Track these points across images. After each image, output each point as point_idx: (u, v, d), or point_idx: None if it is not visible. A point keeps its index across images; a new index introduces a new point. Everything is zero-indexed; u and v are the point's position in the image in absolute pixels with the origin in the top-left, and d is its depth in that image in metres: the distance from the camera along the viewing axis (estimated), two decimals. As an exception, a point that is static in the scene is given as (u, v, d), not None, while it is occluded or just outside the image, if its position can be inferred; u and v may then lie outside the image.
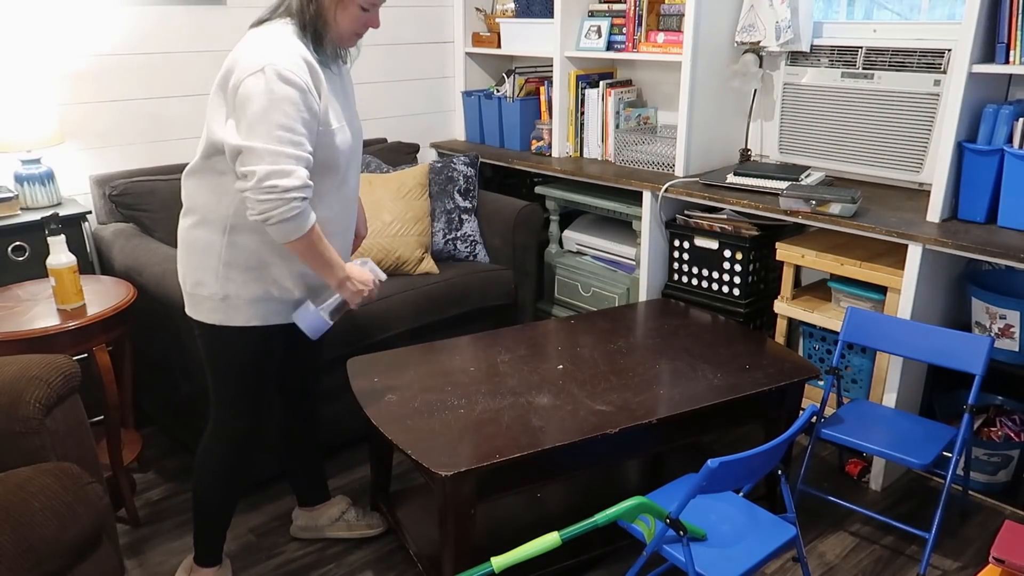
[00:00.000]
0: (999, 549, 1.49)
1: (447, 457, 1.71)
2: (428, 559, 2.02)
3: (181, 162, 2.96)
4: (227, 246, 1.75)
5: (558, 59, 3.27)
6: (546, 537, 1.58)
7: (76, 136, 2.76)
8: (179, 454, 2.72)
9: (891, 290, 2.34)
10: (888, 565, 2.16)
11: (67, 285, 2.16)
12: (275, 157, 1.58)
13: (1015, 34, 2.09)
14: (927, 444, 2.08)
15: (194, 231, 1.78)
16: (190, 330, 2.27)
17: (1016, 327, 2.29)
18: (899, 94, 2.57)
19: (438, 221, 3.04)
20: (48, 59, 2.64)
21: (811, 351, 2.67)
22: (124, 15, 2.77)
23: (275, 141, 1.58)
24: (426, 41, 3.66)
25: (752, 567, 1.63)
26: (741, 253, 2.72)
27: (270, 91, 1.58)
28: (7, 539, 1.47)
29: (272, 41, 1.65)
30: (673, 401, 1.97)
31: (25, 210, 2.55)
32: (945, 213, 2.29)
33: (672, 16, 2.96)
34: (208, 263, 1.77)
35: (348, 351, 2.53)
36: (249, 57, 1.62)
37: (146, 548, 2.25)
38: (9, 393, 1.70)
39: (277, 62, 1.59)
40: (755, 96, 2.97)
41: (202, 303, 1.81)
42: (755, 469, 1.63)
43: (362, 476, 2.58)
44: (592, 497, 2.28)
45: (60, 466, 1.67)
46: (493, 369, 2.14)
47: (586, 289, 3.24)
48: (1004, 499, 2.40)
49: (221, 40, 2.99)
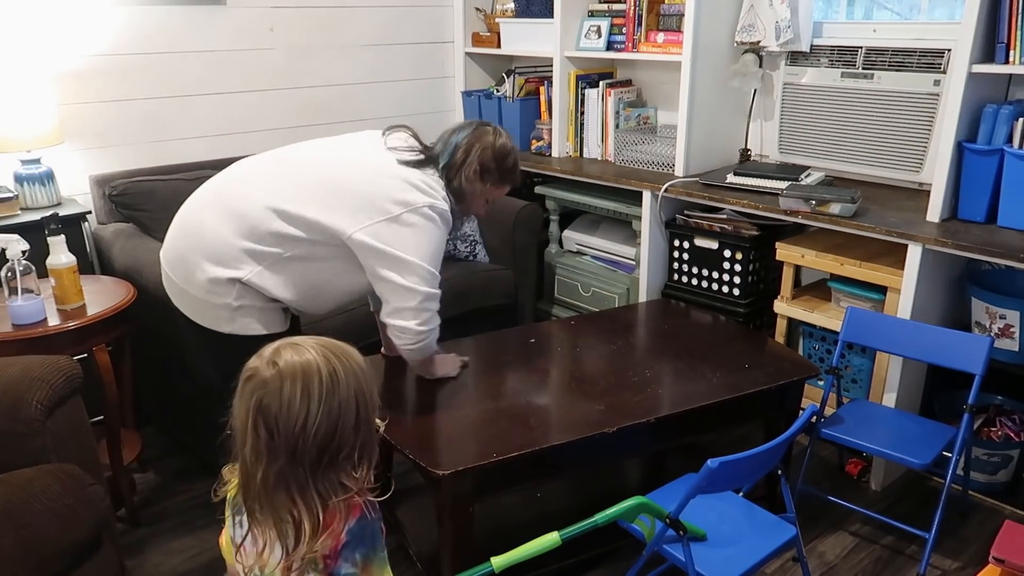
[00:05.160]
0: (999, 549, 1.49)
1: (446, 456, 1.71)
2: (428, 559, 2.02)
3: (181, 162, 2.96)
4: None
5: (558, 59, 3.27)
6: (546, 537, 1.58)
7: (76, 136, 2.76)
8: (179, 454, 2.72)
9: (891, 290, 2.35)
10: (888, 565, 2.16)
11: (67, 285, 2.16)
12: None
13: (1015, 34, 2.09)
14: (927, 444, 2.08)
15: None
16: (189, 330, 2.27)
17: (1016, 327, 2.29)
18: (899, 94, 2.56)
19: (438, 221, 3.04)
20: (48, 59, 2.64)
21: (811, 351, 2.67)
22: (124, 15, 2.77)
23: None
24: (426, 41, 3.66)
25: (752, 567, 1.63)
26: (741, 253, 2.72)
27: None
28: (9, 540, 1.47)
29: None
30: (673, 400, 1.97)
31: (25, 210, 2.55)
32: (945, 213, 2.29)
33: (672, 16, 2.96)
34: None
35: (348, 351, 2.53)
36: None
37: (146, 548, 2.25)
38: (11, 394, 1.70)
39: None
40: (755, 96, 2.97)
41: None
42: (755, 469, 1.63)
43: (362, 476, 2.58)
44: (592, 497, 2.28)
45: (61, 467, 1.68)
46: (493, 369, 2.14)
47: (586, 289, 3.24)
48: (1004, 499, 2.40)
49: (221, 40, 3.00)
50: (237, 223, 1.75)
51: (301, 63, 3.26)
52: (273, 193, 1.76)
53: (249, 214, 1.75)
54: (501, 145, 1.89)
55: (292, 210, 1.73)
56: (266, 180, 1.82)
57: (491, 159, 1.87)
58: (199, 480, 2.57)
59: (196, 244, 1.79)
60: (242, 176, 1.86)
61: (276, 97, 3.23)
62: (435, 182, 1.80)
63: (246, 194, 1.79)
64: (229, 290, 1.76)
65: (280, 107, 3.25)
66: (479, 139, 1.87)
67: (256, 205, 1.75)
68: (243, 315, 1.79)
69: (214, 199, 1.84)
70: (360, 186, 1.75)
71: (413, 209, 1.72)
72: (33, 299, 2.09)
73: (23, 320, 2.08)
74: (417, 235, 1.72)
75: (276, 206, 1.74)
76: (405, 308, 1.77)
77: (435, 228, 1.75)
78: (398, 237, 1.71)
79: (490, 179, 1.89)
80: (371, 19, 3.44)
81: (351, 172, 1.78)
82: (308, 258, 1.77)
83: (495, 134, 1.90)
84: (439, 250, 1.78)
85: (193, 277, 1.79)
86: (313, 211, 1.73)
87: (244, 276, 1.75)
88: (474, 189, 1.87)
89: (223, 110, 3.09)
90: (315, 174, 1.80)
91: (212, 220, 1.79)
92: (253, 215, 1.75)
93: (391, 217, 1.72)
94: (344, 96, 3.43)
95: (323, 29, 3.29)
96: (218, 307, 1.79)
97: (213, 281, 1.77)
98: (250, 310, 1.79)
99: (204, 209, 1.84)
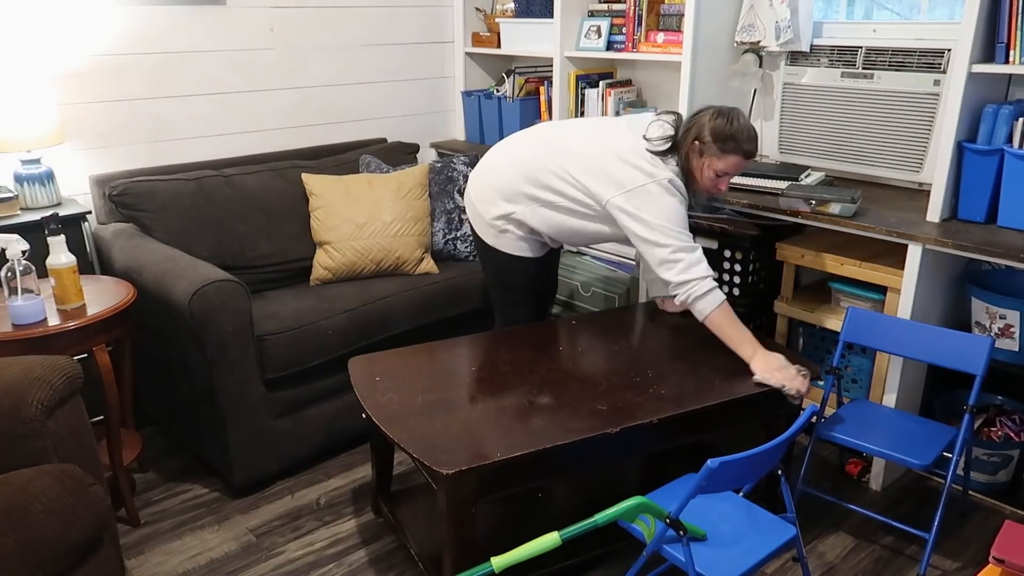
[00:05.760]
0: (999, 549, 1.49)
1: (448, 455, 1.71)
2: (429, 559, 2.02)
3: (181, 162, 2.96)
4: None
5: (558, 59, 3.27)
6: (546, 537, 1.58)
7: (76, 136, 2.76)
8: (179, 454, 2.72)
9: (891, 290, 2.35)
10: (888, 565, 2.16)
11: (67, 285, 2.16)
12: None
13: (1015, 34, 2.10)
14: (927, 444, 2.08)
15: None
16: (189, 330, 2.28)
17: (1016, 327, 2.29)
18: (899, 94, 2.57)
19: (438, 221, 3.04)
20: (48, 59, 2.64)
21: (811, 351, 2.67)
22: (124, 15, 2.77)
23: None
24: (426, 41, 3.66)
25: (752, 567, 1.63)
26: (741, 253, 2.72)
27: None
28: (9, 541, 1.47)
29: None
30: (675, 401, 1.97)
31: (25, 210, 2.55)
32: (945, 213, 2.29)
33: (672, 16, 2.96)
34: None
35: (348, 351, 2.54)
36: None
37: (146, 548, 2.25)
38: (11, 394, 1.70)
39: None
40: (755, 96, 2.97)
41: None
42: (755, 469, 1.63)
43: (363, 476, 2.58)
44: (592, 497, 2.28)
45: (62, 468, 1.67)
46: (494, 369, 2.14)
47: (586, 289, 3.24)
48: (1004, 499, 2.40)
49: (221, 40, 3.00)
50: (526, 174, 2.28)
51: (301, 63, 3.26)
52: (557, 156, 2.26)
53: (534, 168, 2.27)
54: (719, 121, 2.13)
55: (571, 172, 2.22)
56: (553, 145, 2.30)
57: (708, 133, 2.12)
58: (199, 480, 2.57)
59: (494, 182, 2.35)
60: (534, 140, 2.37)
61: (276, 97, 3.23)
62: (668, 163, 2.16)
63: (533, 155, 2.30)
64: (504, 218, 2.33)
65: (280, 107, 3.25)
66: (699, 119, 2.16)
67: (543, 163, 2.27)
68: (504, 236, 2.36)
69: (509, 154, 2.37)
70: (616, 166, 2.18)
71: (654, 182, 2.13)
72: (33, 299, 2.09)
73: (23, 320, 2.08)
74: (657, 201, 2.11)
75: (559, 166, 2.24)
76: (659, 262, 2.11)
77: (670, 196, 2.12)
78: (641, 202, 2.13)
79: (709, 152, 2.13)
80: (371, 19, 3.44)
81: (611, 152, 2.20)
82: (567, 209, 2.26)
83: (715, 115, 2.14)
84: (678, 214, 2.12)
85: (485, 206, 2.36)
86: (585, 177, 2.20)
87: (515, 212, 2.31)
88: (693, 164, 2.16)
89: (223, 110, 3.09)
90: (587, 148, 2.24)
91: (504, 167, 2.34)
92: (537, 169, 2.27)
93: (636, 187, 2.14)
94: (344, 96, 3.43)
95: (323, 29, 3.29)
96: (492, 227, 2.37)
97: (497, 210, 2.34)
98: (512, 235, 2.35)
99: (502, 160, 2.36)
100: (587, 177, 2.20)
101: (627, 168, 2.15)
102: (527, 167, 2.29)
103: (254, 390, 2.38)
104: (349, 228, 2.82)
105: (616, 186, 2.16)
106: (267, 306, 2.57)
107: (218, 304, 2.24)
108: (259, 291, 2.75)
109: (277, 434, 2.47)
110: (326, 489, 2.52)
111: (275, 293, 2.75)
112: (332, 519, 2.38)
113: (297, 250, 2.88)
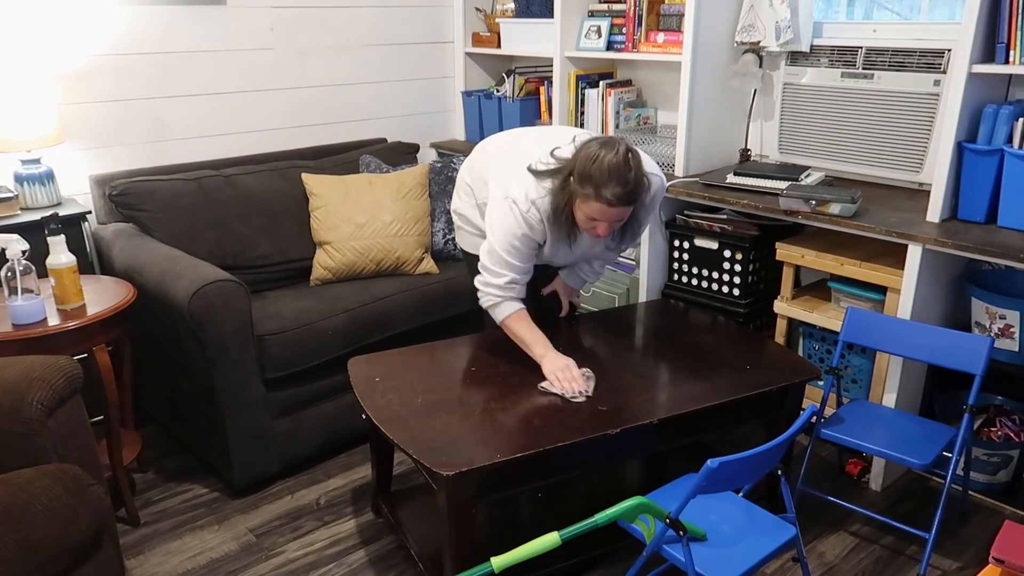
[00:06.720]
0: (999, 549, 1.49)
1: (449, 456, 1.71)
2: (429, 559, 2.02)
3: (181, 162, 2.96)
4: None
5: (558, 59, 3.27)
6: (546, 537, 1.58)
7: (76, 136, 2.76)
8: (179, 454, 2.72)
9: (891, 290, 2.35)
10: (888, 565, 2.16)
11: (67, 285, 2.16)
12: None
13: (1015, 34, 2.10)
14: (927, 444, 2.08)
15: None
16: (190, 330, 2.28)
17: (1016, 327, 2.29)
18: (899, 94, 2.57)
19: (438, 221, 3.04)
20: (48, 59, 2.64)
21: (811, 351, 2.67)
22: (124, 15, 2.77)
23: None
24: (426, 41, 3.66)
25: (752, 567, 1.63)
26: (741, 253, 2.72)
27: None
28: (9, 541, 1.47)
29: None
30: (673, 401, 1.97)
31: (25, 210, 2.55)
32: (945, 213, 2.29)
33: (672, 16, 2.96)
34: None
35: (348, 351, 2.54)
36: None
37: (146, 548, 2.25)
38: (11, 394, 1.70)
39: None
40: (755, 96, 2.97)
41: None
42: (755, 469, 1.63)
43: (363, 476, 2.58)
44: (592, 497, 2.28)
45: (62, 468, 1.67)
46: (494, 369, 2.14)
47: (586, 289, 3.24)
48: (1004, 499, 2.40)
49: (221, 40, 3.00)
50: (471, 167, 2.33)
51: (301, 63, 3.26)
52: (496, 156, 2.26)
53: (477, 166, 2.30)
54: (587, 160, 1.93)
55: (490, 172, 2.23)
56: (495, 147, 2.32)
57: (577, 171, 1.94)
58: (199, 480, 2.57)
59: (459, 176, 2.40)
60: (502, 140, 2.37)
61: (276, 97, 3.23)
62: (540, 190, 2.05)
63: (481, 151, 2.35)
64: (455, 213, 2.40)
65: (280, 107, 3.25)
66: (582, 151, 1.96)
67: (480, 162, 2.30)
68: (461, 232, 2.41)
69: (478, 154, 2.38)
70: (504, 173, 2.15)
71: (505, 198, 2.08)
72: (33, 299, 2.09)
73: (23, 320, 2.08)
74: (498, 214, 2.09)
75: (482, 164, 2.28)
76: (479, 261, 2.15)
77: (511, 217, 2.06)
78: (491, 210, 2.14)
79: (577, 192, 1.96)
80: (371, 19, 3.44)
81: (518, 163, 2.16)
82: (481, 208, 2.27)
83: (597, 147, 1.93)
84: (507, 235, 2.06)
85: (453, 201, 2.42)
86: (492, 177, 2.20)
87: (460, 206, 2.35)
88: (574, 201, 1.99)
89: (223, 110, 3.09)
90: (505, 153, 2.24)
91: (465, 171, 2.37)
92: (479, 166, 2.29)
93: (498, 196, 2.12)
94: (344, 96, 3.43)
95: (323, 29, 3.29)
96: (455, 224, 2.43)
97: (453, 203, 2.41)
98: (465, 232, 2.38)
99: (474, 159, 2.37)
100: (493, 177, 2.21)
101: (508, 178, 2.11)
102: (472, 162, 2.34)
103: (254, 390, 2.38)
104: (349, 228, 2.82)
105: (495, 189, 2.17)
106: (267, 306, 2.57)
107: (218, 304, 2.24)
108: (259, 291, 2.75)
109: (277, 434, 2.47)
110: (326, 489, 2.52)
111: (275, 293, 2.75)
112: (332, 519, 2.38)
113: (297, 250, 2.88)
